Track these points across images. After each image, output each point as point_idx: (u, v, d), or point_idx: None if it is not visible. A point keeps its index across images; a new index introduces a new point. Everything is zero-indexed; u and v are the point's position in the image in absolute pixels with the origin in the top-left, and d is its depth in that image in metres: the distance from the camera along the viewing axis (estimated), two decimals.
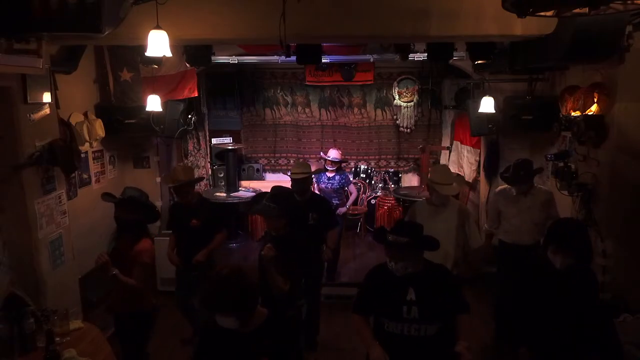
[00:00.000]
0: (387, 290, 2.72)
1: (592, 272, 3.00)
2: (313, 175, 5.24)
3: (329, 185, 6.23)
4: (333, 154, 6.36)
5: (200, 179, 5.81)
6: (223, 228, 4.56)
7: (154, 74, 5.34)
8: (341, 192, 6.32)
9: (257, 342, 2.27)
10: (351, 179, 7.52)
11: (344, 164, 7.37)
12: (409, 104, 8.20)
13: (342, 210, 6.22)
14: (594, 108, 3.97)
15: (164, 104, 5.26)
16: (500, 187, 4.73)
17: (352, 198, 6.57)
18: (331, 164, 6.26)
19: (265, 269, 3.40)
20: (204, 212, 4.42)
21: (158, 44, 3.17)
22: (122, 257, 3.48)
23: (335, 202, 6.06)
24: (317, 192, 6.10)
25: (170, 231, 4.71)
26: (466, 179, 7.05)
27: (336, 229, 4.78)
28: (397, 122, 8.34)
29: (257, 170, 8.37)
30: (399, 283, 2.67)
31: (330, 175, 6.26)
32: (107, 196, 3.71)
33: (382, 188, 8.04)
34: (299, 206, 4.52)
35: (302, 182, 4.58)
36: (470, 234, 4.04)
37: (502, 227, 4.51)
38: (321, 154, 6.90)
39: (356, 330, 2.88)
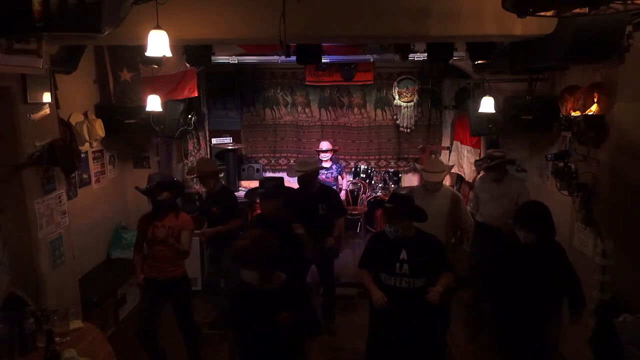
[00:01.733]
0: (384, 250, 3.41)
1: (557, 243, 3.48)
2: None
3: (329, 175, 6.70)
4: (325, 145, 6.90)
5: (222, 170, 6.44)
6: (239, 216, 5.00)
7: (154, 74, 5.34)
8: (338, 180, 6.86)
9: (278, 299, 2.66)
10: (350, 178, 7.74)
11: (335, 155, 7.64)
12: (409, 104, 8.20)
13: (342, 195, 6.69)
14: (594, 108, 3.97)
15: (164, 104, 5.26)
16: (482, 174, 5.27)
17: (345, 182, 7.15)
18: (325, 154, 6.78)
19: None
20: (224, 201, 4.85)
21: (158, 44, 3.18)
22: (168, 230, 3.95)
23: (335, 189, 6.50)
24: None
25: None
26: (466, 179, 7.06)
27: (343, 217, 5.07)
28: (397, 122, 8.33)
29: (257, 170, 8.36)
30: (394, 245, 3.35)
31: (327, 165, 6.76)
32: (141, 188, 4.15)
33: (382, 188, 8.03)
34: (306, 198, 4.75)
35: (307, 177, 4.74)
36: (461, 215, 4.56)
37: (479, 209, 5.12)
38: (315, 149, 7.30)
39: (362, 281, 3.56)
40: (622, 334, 3.38)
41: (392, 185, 8.00)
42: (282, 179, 4.42)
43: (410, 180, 8.53)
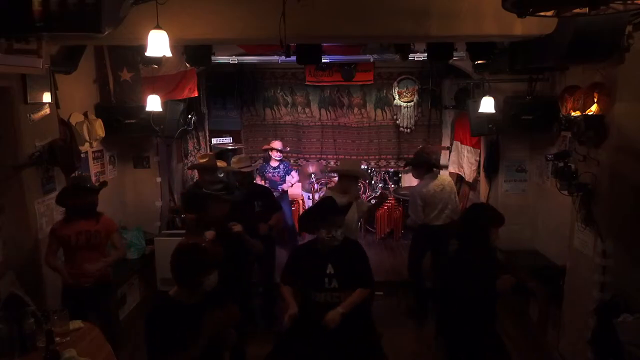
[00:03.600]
0: (310, 265, 3.21)
1: None
2: (257, 167, 6.09)
3: (275, 174, 6.93)
4: (278, 145, 7.09)
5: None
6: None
7: (154, 74, 5.34)
8: (285, 178, 7.05)
9: (198, 314, 2.40)
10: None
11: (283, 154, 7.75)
12: (409, 104, 8.20)
13: (285, 186, 6.94)
14: (594, 108, 3.97)
15: (164, 104, 5.25)
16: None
17: (295, 178, 7.19)
18: (278, 154, 6.97)
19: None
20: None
21: (158, 44, 3.17)
22: (92, 235, 3.71)
23: (279, 187, 6.84)
24: (262, 182, 6.74)
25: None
26: (466, 179, 7.07)
27: (281, 211, 5.24)
28: (397, 122, 8.34)
29: (257, 170, 8.36)
30: (319, 258, 3.19)
31: (275, 164, 6.98)
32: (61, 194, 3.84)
33: (382, 188, 8.03)
34: (242, 196, 4.67)
35: (248, 175, 4.91)
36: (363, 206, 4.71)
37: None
38: (266, 146, 7.43)
39: (283, 295, 3.31)
40: (622, 334, 3.38)
41: (392, 185, 8.00)
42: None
43: (410, 180, 8.52)
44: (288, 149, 7.85)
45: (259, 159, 8.18)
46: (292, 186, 7.18)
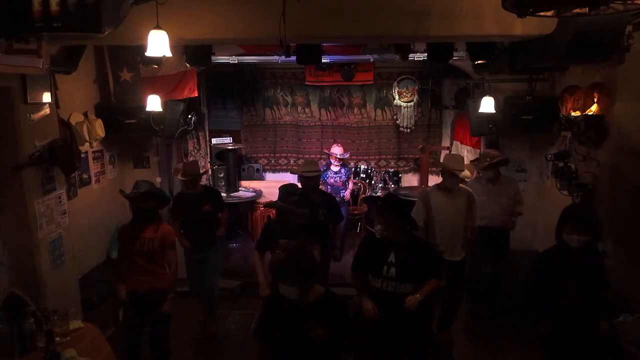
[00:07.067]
0: (374, 252, 3.35)
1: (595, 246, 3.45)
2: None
3: (337, 179, 6.90)
4: (338, 150, 6.97)
5: (206, 172, 6.77)
6: (225, 208, 5.17)
7: (154, 74, 5.34)
8: (347, 183, 7.03)
9: (314, 313, 2.55)
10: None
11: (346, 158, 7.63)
12: (409, 104, 8.20)
13: (347, 194, 7.01)
14: (594, 108, 3.98)
15: (164, 104, 5.26)
16: (475, 176, 5.23)
17: (350, 186, 7.21)
18: (337, 159, 6.90)
19: None
20: (214, 198, 4.98)
21: (158, 44, 3.17)
22: (146, 242, 3.79)
23: (342, 193, 6.89)
24: (324, 187, 6.53)
25: (173, 219, 4.97)
26: (466, 180, 7.06)
27: (341, 223, 5.08)
28: (397, 122, 8.34)
29: (257, 170, 8.37)
30: (384, 247, 3.27)
31: (336, 169, 6.93)
32: (124, 192, 3.97)
33: (382, 188, 8.03)
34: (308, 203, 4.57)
35: (313, 180, 4.74)
36: (472, 214, 4.51)
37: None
38: (325, 151, 7.37)
39: (354, 285, 3.49)
40: (622, 334, 3.38)
41: (392, 185, 8.00)
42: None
43: (410, 180, 8.53)
44: (348, 154, 7.50)
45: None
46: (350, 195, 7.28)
